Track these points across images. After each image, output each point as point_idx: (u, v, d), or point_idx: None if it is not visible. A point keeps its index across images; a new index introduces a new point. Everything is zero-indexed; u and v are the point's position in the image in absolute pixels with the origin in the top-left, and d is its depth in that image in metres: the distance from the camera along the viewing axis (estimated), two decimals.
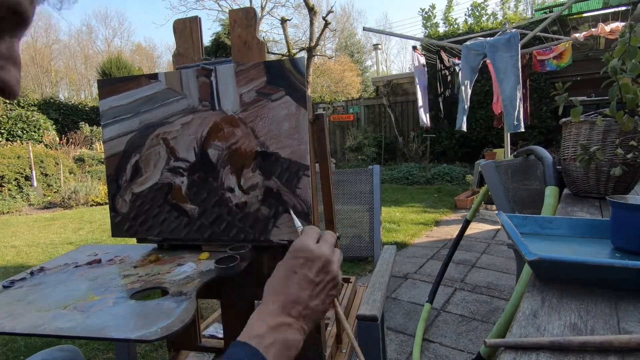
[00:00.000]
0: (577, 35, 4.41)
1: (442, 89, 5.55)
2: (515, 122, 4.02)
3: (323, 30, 11.47)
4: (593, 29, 4.01)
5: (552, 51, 4.70)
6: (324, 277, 0.54)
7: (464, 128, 4.58)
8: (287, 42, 12.88)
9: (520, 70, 3.98)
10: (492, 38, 4.28)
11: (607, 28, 3.87)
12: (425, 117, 5.21)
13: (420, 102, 5.17)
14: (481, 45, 4.22)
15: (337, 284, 0.56)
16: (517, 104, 3.97)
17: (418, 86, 5.15)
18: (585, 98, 5.48)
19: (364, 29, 5.24)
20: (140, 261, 0.85)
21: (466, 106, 4.51)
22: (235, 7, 11.60)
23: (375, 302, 0.86)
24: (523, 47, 5.60)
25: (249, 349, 0.45)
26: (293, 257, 0.55)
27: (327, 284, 0.54)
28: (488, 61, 4.38)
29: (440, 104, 5.72)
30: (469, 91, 4.47)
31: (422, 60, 5.29)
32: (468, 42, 4.37)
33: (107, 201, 0.89)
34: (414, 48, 5.22)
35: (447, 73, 5.50)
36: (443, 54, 5.41)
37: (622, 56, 0.83)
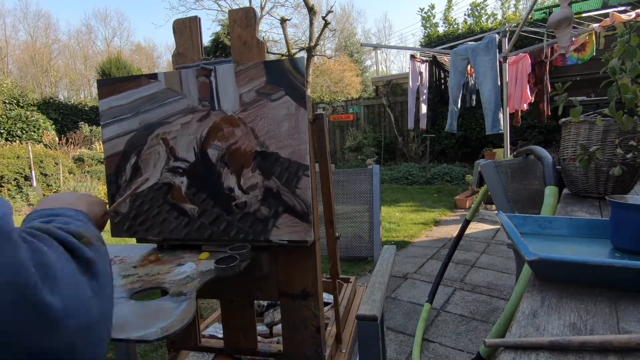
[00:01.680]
0: (594, 25, 4.30)
1: (439, 94, 5.62)
2: (494, 123, 4.15)
3: (323, 30, 11.47)
4: (607, 19, 3.90)
5: (572, 43, 4.51)
6: None
7: (455, 130, 4.73)
8: (286, 42, 12.87)
9: (498, 73, 4.09)
10: (473, 43, 4.43)
11: (624, 16, 3.76)
12: (411, 122, 5.35)
13: (409, 107, 5.29)
14: (465, 50, 4.38)
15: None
16: (494, 106, 4.10)
17: (409, 92, 5.26)
18: (584, 98, 5.46)
19: (362, 44, 5.38)
20: (140, 261, 0.85)
21: (456, 109, 4.64)
22: (235, 7, 11.60)
23: (375, 302, 0.86)
24: (523, 45, 5.61)
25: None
26: None
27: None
28: (470, 65, 4.50)
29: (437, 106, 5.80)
30: (458, 94, 4.61)
31: (422, 67, 5.31)
32: (456, 48, 4.52)
33: (107, 201, 0.89)
34: (412, 57, 5.26)
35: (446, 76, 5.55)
36: (444, 59, 5.43)
37: (622, 56, 0.83)
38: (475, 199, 2.15)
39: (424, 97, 5.37)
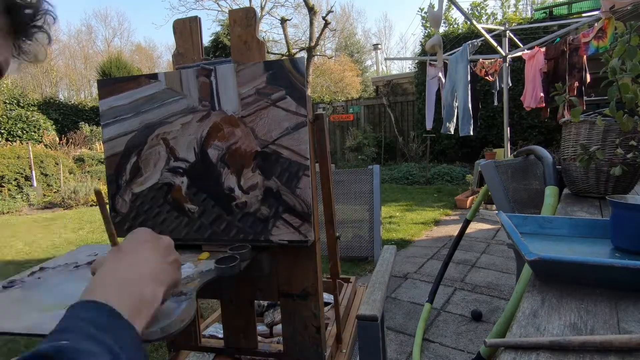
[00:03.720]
0: (600, 12, 3.90)
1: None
2: (463, 127, 4.46)
3: (323, 30, 11.47)
4: (605, 1, 3.66)
5: (592, 31, 3.98)
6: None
7: (451, 131, 4.90)
8: (287, 42, 12.87)
9: (469, 79, 4.36)
10: (455, 52, 4.73)
11: None
12: (429, 123, 5.54)
13: (427, 109, 5.49)
14: (454, 58, 4.69)
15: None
16: (463, 111, 4.42)
17: (427, 96, 5.45)
18: (585, 98, 5.44)
19: (386, 59, 5.71)
20: None
21: (453, 112, 4.85)
22: (235, 7, 11.61)
23: (375, 302, 0.86)
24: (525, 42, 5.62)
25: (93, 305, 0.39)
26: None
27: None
28: (446, 73, 4.85)
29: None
30: (452, 99, 4.78)
31: (438, 72, 5.36)
32: (452, 55, 4.77)
33: (107, 201, 0.89)
34: (430, 64, 5.43)
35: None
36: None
37: (622, 56, 0.83)
38: (476, 199, 2.15)
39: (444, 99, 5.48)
